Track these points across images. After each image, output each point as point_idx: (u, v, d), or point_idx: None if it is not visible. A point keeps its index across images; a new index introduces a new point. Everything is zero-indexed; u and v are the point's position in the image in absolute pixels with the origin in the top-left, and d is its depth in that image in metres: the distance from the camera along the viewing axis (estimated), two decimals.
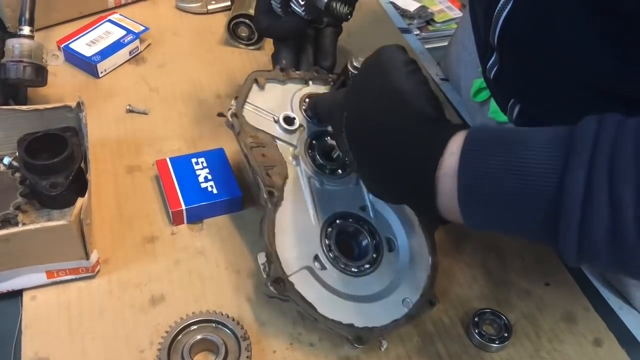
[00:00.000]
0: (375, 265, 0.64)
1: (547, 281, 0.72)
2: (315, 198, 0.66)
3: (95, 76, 0.92)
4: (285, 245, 0.62)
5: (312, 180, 0.67)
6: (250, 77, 0.71)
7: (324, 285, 0.61)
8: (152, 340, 0.63)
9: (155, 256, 0.70)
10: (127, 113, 0.87)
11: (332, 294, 0.61)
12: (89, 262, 0.66)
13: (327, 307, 0.60)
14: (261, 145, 0.67)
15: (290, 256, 0.61)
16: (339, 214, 0.66)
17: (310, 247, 0.63)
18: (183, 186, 0.74)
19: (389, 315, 0.61)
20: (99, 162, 0.79)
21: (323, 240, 0.64)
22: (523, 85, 0.70)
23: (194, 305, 0.66)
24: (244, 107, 0.69)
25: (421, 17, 1.96)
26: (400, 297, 0.63)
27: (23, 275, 0.64)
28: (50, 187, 0.70)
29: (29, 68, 0.78)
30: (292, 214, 0.64)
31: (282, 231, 0.62)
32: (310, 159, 0.68)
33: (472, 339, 0.66)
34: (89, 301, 0.65)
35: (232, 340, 0.61)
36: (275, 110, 0.70)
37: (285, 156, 0.67)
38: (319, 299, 0.60)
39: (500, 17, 0.65)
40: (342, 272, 0.63)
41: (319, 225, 0.65)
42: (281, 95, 0.72)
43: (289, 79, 0.74)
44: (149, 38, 0.99)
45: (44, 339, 0.62)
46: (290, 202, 0.65)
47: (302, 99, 0.72)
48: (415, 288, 0.64)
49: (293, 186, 0.66)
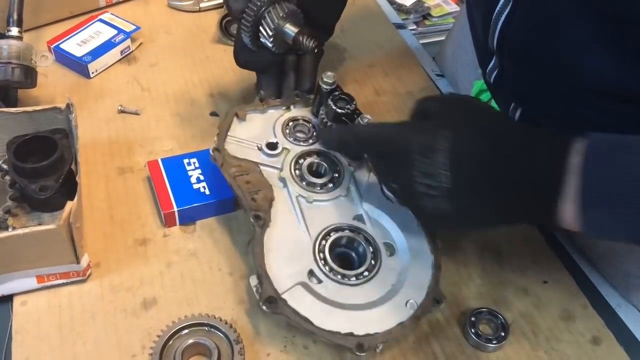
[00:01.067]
0: (374, 272, 0.63)
1: (545, 279, 0.71)
2: (305, 216, 0.65)
3: (87, 76, 0.91)
4: (277, 263, 0.61)
5: (300, 199, 0.67)
6: (230, 113, 0.73)
7: (320, 298, 0.60)
8: (144, 344, 0.62)
9: (147, 259, 0.69)
10: (119, 113, 0.87)
11: (330, 306, 0.59)
12: (80, 266, 0.65)
13: (324, 319, 0.58)
14: (245, 173, 0.68)
15: (283, 274, 0.60)
16: (332, 228, 0.65)
17: (304, 263, 0.62)
18: (175, 187, 0.73)
19: (393, 319, 0.60)
20: (90, 164, 0.78)
21: (317, 254, 0.62)
22: (524, 89, 0.69)
23: (187, 308, 0.65)
24: (226, 141, 0.70)
25: (417, 11, 1.95)
26: (404, 300, 0.61)
27: (13, 280, 0.63)
28: (40, 190, 0.69)
29: (17, 70, 0.77)
30: (281, 233, 0.63)
31: (272, 251, 0.62)
32: (298, 178, 0.68)
33: (468, 338, 0.65)
34: (80, 305, 0.65)
35: (225, 344, 0.60)
36: (257, 139, 0.71)
37: (270, 180, 0.68)
38: (315, 312, 0.58)
39: (499, 21, 0.64)
40: (339, 284, 0.61)
41: (311, 240, 0.64)
42: (263, 124, 0.73)
43: (270, 107, 0.75)
44: (141, 37, 0.98)
45: (34, 344, 0.61)
46: (280, 222, 0.64)
47: (284, 123, 0.74)
48: (419, 288, 0.62)
49: (281, 207, 0.66)
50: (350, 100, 0.71)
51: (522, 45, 0.64)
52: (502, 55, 0.68)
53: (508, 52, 0.67)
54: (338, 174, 0.70)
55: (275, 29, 0.71)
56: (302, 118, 0.74)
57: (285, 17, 0.71)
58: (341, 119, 0.70)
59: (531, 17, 0.61)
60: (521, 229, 0.76)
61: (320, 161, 0.71)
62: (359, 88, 0.95)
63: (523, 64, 0.66)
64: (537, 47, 0.62)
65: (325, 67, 0.94)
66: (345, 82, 0.96)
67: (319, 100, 0.73)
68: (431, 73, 1.00)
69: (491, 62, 0.71)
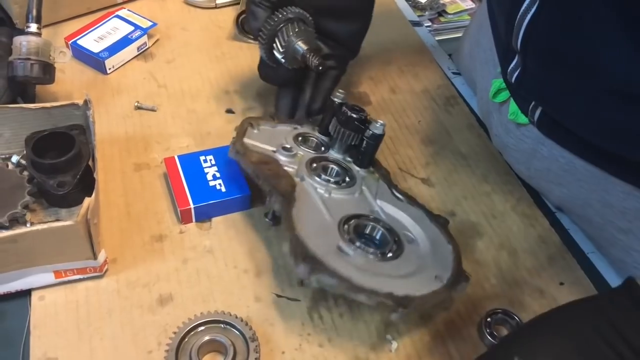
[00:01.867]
0: (398, 254, 0.64)
1: (561, 280, 0.71)
2: (325, 203, 0.67)
3: (103, 72, 0.92)
4: (307, 235, 0.61)
5: (320, 191, 0.68)
6: (245, 121, 0.76)
7: (353, 265, 0.60)
8: (160, 340, 0.62)
9: (164, 255, 0.70)
10: (135, 110, 0.87)
11: (364, 271, 0.60)
12: (97, 262, 0.65)
13: (362, 280, 0.58)
14: (266, 162, 0.70)
15: (314, 243, 0.61)
16: (351, 216, 0.66)
17: (332, 239, 0.63)
18: (191, 184, 0.74)
19: (426, 287, 0.60)
20: (106, 160, 0.79)
21: (343, 234, 0.63)
22: (546, 89, 0.68)
23: (202, 305, 0.65)
24: (244, 141, 0.73)
25: (433, 8, 1.93)
26: (433, 274, 0.62)
27: (31, 275, 0.64)
28: (58, 186, 0.69)
29: (36, 66, 0.78)
30: (306, 212, 0.64)
31: (300, 225, 0.62)
32: (314, 175, 0.70)
33: (484, 340, 0.65)
34: (97, 301, 0.65)
35: (240, 341, 0.61)
36: (271, 145, 0.73)
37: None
38: (352, 274, 0.58)
39: (524, 20, 0.63)
40: (368, 259, 0.62)
41: (335, 222, 0.65)
42: (274, 136, 0.76)
43: (279, 124, 0.79)
44: (157, 33, 0.99)
45: (52, 339, 0.62)
46: (303, 203, 0.65)
47: (294, 136, 0.76)
48: (444, 268, 0.64)
49: (302, 194, 0.67)
50: (361, 109, 0.74)
51: (547, 46, 0.63)
52: (526, 55, 0.67)
53: (532, 52, 0.66)
54: (350, 178, 0.72)
55: (287, 45, 0.76)
56: (311, 134, 0.78)
57: (297, 34, 0.76)
58: (354, 123, 0.72)
59: (558, 17, 0.60)
60: (537, 231, 0.76)
61: (334, 165, 0.73)
62: (375, 86, 0.95)
63: (547, 64, 0.65)
64: (562, 47, 0.61)
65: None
66: (361, 79, 0.95)
67: (328, 117, 0.76)
68: (447, 71, 1.00)
69: (513, 61, 0.71)
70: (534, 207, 0.79)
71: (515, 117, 0.77)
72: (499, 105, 0.82)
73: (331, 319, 0.65)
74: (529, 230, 0.76)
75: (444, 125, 0.89)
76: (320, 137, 0.78)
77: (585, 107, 0.65)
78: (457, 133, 0.88)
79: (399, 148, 0.85)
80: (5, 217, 0.67)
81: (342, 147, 0.75)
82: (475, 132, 0.89)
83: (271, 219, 0.72)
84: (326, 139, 0.77)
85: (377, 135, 0.72)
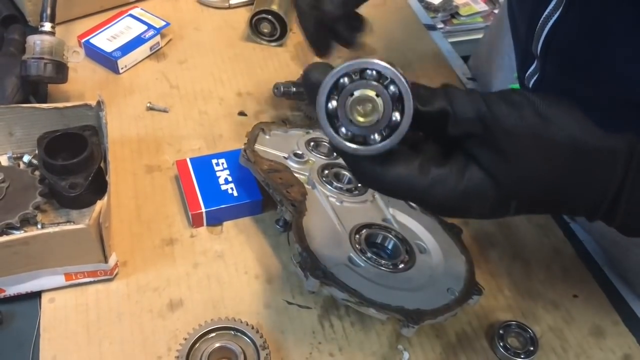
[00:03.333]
0: (409, 265, 0.63)
1: (575, 293, 0.70)
2: (336, 212, 0.66)
3: (116, 72, 0.91)
4: (317, 247, 0.61)
5: (331, 199, 0.68)
6: (257, 127, 0.75)
7: (364, 277, 0.60)
8: (169, 346, 0.62)
9: (174, 259, 0.69)
10: (147, 110, 0.86)
11: (375, 284, 0.60)
12: (108, 265, 0.65)
13: (373, 294, 0.58)
14: (277, 170, 0.69)
15: (325, 254, 0.60)
16: (363, 225, 0.66)
17: (343, 250, 0.62)
18: (203, 188, 0.73)
19: (437, 300, 0.60)
20: (118, 161, 0.78)
21: (354, 245, 0.63)
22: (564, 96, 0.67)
23: (213, 311, 0.65)
24: (255, 148, 0.73)
25: (446, 10, 1.92)
26: (445, 287, 0.62)
27: (42, 277, 0.64)
28: (70, 187, 0.69)
29: (49, 65, 0.78)
30: (317, 222, 0.64)
31: (310, 236, 0.62)
32: (326, 183, 0.70)
33: (496, 352, 0.64)
34: (107, 304, 0.65)
35: (251, 349, 0.60)
36: (283, 151, 0.73)
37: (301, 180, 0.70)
38: (362, 287, 0.58)
39: (546, 26, 0.62)
40: (379, 270, 0.62)
41: (346, 233, 0.64)
42: (286, 141, 0.76)
43: (292, 129, 0.78)
44: (170, 33, 0.98)
45: (62, 342, 0.61)
46: (314, 213, 0.64)
47: (306, 142, 0.76)
48: (457, 279, 0.63)
49: (314, 203, 0.66)
50: None
51: (568, 52, 0.62)
52: (546, 60, 0.66)
53: (552, 58, 0.65)
54: None
55: None
56: (323, 139, 0.77)
57: None
58: None
59: (582, 24, 0.59)
60: (551, 242, 0.75)
61: (345, 172, 0.72)
62: None
63: (567, 71, 0.64)
64: (584, 55, 0.60)
65: None
66: None
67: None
68: (462, 76, 0.99)
69: (532, 66, 0.70)
70: (549, 218, 0.78)
71: None
72: None
73: (342, 327, 0.65)
74: (543, 241, 0.75)
75: None
76: None
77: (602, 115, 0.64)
78: None
79: None
80: (16, 217, 0.67)
81: None
82: None
83: (282, 226, 0.71)
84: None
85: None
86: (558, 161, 0.45)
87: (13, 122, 0.74)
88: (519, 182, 0.45)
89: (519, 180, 0.45)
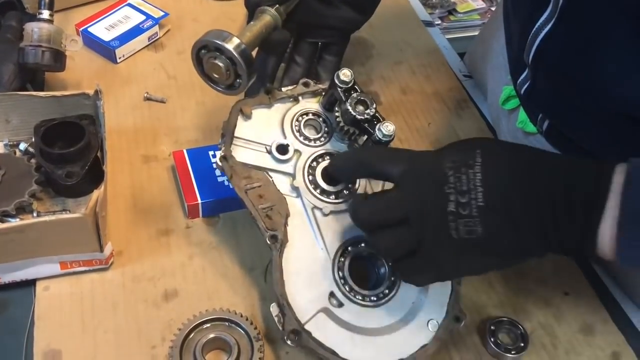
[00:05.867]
0: (394, 288, 0.62)
1: (566, 291, 0.71)
2: (321, 230, 0.63)
3: (113, 61, 0.91)
4: (297, 288, 0.59)
5: (316, 212, 0.64)
6: (235, 109, 0.68)
7: (342, 325, 0.59)
8: (164, 336, 0.62)
9: (170, 250, 0.70)
10: (145, 101, 0.86)
11: (353, 333, 0.59)
12: (103, 255, 0.65)
13: (349, 349, 0.58)
14: (257, 186, 0.64)
15: (304, 300, 0.59)
16: (349, 241, 0.63)
17: (324, 285, 0.60)
18: (200, 179, 0.73)
19: (416, 341, 0.59)
20: (114, 151, 0.78)
21: (336, 273, 0.61)
22: (554, 105, 0.68)
23: (207, 302, 0.65)
24: (233, 144, 0.66)
25: (443, 6, 1.92)
26: (425, 319, 0.60)
27: (37, 265, 0.64)
28: (66, 176, 0.69)
29: (47, 53, 0.77)
30: (299, 252, 0.61)
31: (291, 274, 0.60)
32: (311, 185, 0.65)
33: (487, 347, 0.65)
34: (101, 294, 0.65)
35: (245, 340, 0.61)
36: (266, 139, 0.67)
37: (283, 190, 0.64)
38: (339, 342, 0.58)
39: (538, 36, 0.63)
40: (360, 306, 0.60)
41: (330, 257, 0.62)
42: (270, 120, 0.68)
43: (276, 100, 0.70)
44: (169, 24, 0.98)
45: (56, 330, 0.62)
46: (297, 240, 0.62)
47: (293, 118, 0.68)
48: (440, 306, 0.61)
49: (297, 222, 0.63)
50: (371, 103, 0.65)
51: (559, 64, 0.63)
52: (537, 70, 0.66)
53: (543, 69, 0.65)
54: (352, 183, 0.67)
55: None
56: (312, 112, 0.69)
57: None
58: (360, 124, 0.65)
59: (574, 37, 0.60)
60: None
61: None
62: (386, 85, 0.94)
63: (557, 82, 0.65)
64: (574, 68, 0.61)
65: (352, 63, 0.94)
66: (372, 79, 0.95)
67: (331, 95, 0.68)
68: (459, 73, 0.99)
69: (523, 74, 0.70)
70: None
71: (523, 126, 0.76)
72: (509, 113, 0.81)
73: None
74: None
75: (454, 128, 0.89)
76: (323, 113, 0.70)
77: (593, 125, 0.64)
78: (467, 137, 0.87)
79: None
80: (12, 205, 0.67)
81: (345, 137, 0.68)
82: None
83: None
84: (332, 119, 0.69)
85: (386, 142, 0.64)
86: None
87: (10, 109, 0.74)
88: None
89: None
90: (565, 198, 0.48)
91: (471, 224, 0.49)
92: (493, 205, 0.49)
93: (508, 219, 0.49)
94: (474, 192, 0.49)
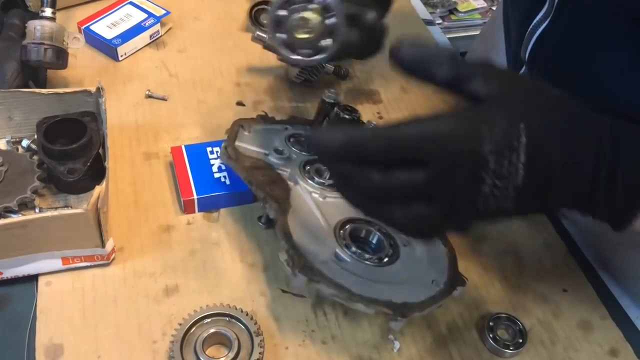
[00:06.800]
0: (394, 258, 0.64)
1: (565, 287, 0.71)
2: (320, 208, 0.67)
3: (115, 59, 0.92)
4: (303, 243, 0.61)
5: (314, 195, 0.68)
6: (236, 123, 0.75)
7: (351, 272, 0.61)
8: (164, 331, 0.63)
9: (171, 246, 0.70)
10: (146, 98, 0.87)
11: (362, 279, 0.60)
12: (105, 250, 0.65)
13: (361, 289, 0.59)
14: (259, 168, 0.69)
15: (310, 251, 0.61)
16: (347, 220, 0.66)
17: (328, 246, 0.63)
18: (196, 175, 0.74)
19: (423, 293, 0.61)
20: (116, 148, 0.79)
21: (339, 240, 0.64)
22: None
23: (208, 297, 0.66)
24: (235, 144, 0.72)
25: (444, 6, 1.93)
26: (429, 279, 0.63)
27: (39, 261, 0.64)
28: (68, 172, 0.69)
29: (50, 51, 0.78)
30: (302, 219, 0.64)
31: (296, 233, 0.62)
32: (308, 179, 0.70)
33: (486, 343, 0.65)
34: (103, 289, 0.66)
35: (245, 335, 0.61)
36: (263, 148, 0.73)
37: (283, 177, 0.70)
38: (350, 283, 0.59)
39: (535, 34, 0.63)
40: (365, 265, 0.62)
41: (331, 228, 0.65)
42: (266, 138, 0.75)
43: (271, 123, 0.78)
44: (170, 22, 0.98)
45: (58, 325, 0.62)
46: (298, 209, 0.65)
47: (286, 137, 0.75)
48: (440, 271, 0.64)
49: (297, 199, 0.67)
50: (355, 111, 0.74)
51: (555, 62, 0.63)
52: (533, 67, 0.67)
53: (539, 67, 0.66)
54: None
55: None
56: (303, 135, 0.76)
57: None
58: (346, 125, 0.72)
59: (570, 34, 0.60)
60: (543, 237, 0.76)
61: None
62: (386, 84, 0.95)
63: (553, 80, 0.65)
64: (571, 65, 0.61)
65: (354, 61, 0.94)
66: (372, 77, 0.95)
67: (321, 117, 0.77)
68: None
69: (520, 71, 0.71)
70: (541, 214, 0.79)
71: None
72: None
73: (335, 316, 0.66)
74: (534, 236, 0.76)
75: None
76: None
77: None
78: None
79: None
80: (14, 201, 0.68)
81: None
82: None
83: (264, 223, 0.72)
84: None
85: None
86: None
87: (12, 106, 0.75)
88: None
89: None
90: (608, 180, 0.45)
91: (503, 202, 0.45)
92: (530, 188, 0.45)
93: (543, 196, 0.46)
94: (514, 176, 0.44)
